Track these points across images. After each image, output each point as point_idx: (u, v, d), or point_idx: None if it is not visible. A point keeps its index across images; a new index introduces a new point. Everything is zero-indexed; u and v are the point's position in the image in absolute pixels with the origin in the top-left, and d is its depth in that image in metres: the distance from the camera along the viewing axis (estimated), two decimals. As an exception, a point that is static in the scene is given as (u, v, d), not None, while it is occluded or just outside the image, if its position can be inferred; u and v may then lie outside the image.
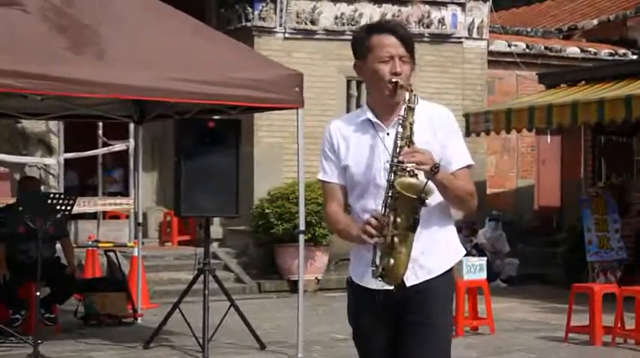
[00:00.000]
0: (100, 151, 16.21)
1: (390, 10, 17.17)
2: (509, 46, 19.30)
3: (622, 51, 19.90)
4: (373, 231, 3.74)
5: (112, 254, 12.35)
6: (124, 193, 17.08)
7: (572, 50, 19.94)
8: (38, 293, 9.12)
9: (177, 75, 8.85)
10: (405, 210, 3.74)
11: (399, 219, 3.74)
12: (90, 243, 13.66)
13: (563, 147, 19.90)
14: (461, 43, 17.76)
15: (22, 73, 8.25)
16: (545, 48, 19.73)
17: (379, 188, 3.89)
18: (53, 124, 15.47)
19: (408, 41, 3.96)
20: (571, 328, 10.56)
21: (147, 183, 16.65)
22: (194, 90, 8.87)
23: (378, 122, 3.98)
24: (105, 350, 9.77)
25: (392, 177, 3.77)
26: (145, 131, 12.33)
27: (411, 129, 3.80)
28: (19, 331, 9.92)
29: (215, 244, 15.82)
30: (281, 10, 16.37)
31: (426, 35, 17.45)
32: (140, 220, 12.25)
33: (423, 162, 3.73)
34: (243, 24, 16.32)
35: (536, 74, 17.23)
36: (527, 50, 19.46)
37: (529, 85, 18.19)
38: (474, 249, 15.29)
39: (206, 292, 9.21)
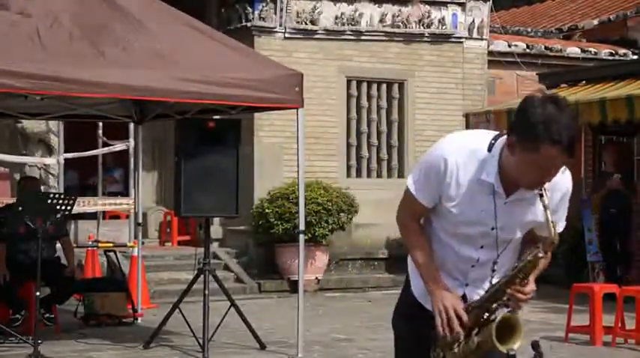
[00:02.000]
0: (100, 151, 16.20)
1: (390, 10, 17.16)
2: (510, 46, 19.29)
3: (622, 51, 19.89)
4: (447, 332, 3.79)
5: (111, 254, 12.34)
6: (124, 193, 17.08)
7: (573, 50, 19.92)
8: (38, 293, 9.11)
9: (177, 75, 8.84)
10: (486, 349, 3.76)
11: (475, 349, 3.77)
12: (90, 243, 13.64)
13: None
14: (461, 43, 17.75)
15: (22, 73, 8.24)
16: (546, 48, 19.71)
17: (475, 249, 3.87)
18: (53, 124, 15.46)
19: (572, 151, 3.59)
20: (571, 328, 10.56)
21: (147, 183, 16.64)
22: (194, 90, 8.86)
23: (501, 192, 3.78)
24: (105, 350, 9.76)
25: (490, 295, 3.79)
26: (145, 131, 12.33)
27: (531, 271, 3.73)
28: (19, 331, 9.91)
29: (215, 244, 15.81)
30: (281, 9, 16.36)
31: (426, 35, 17.44)
32: (140, 220, 12.24)
33: (526, 302, 3.76)
34: (244, 24, 16.32)
35: (537, 74, 17.22)
36: (528, 50, 19.44)
37: (529, 85, 18.17)
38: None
39: (206, 292, 9.21)
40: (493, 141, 3.76)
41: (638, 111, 13.25)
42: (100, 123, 15.63)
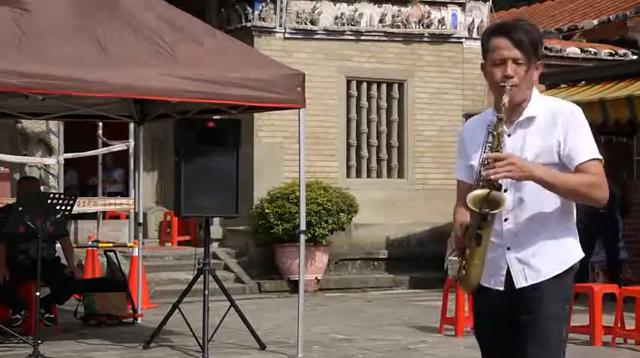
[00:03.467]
0: (100, 151, 16.20)
1: (390, 11, 17.17)
2: (510, 46, 19.28)
3: (622, 51, 19.88)
4: (455, 240, 3.92)
5: (111, 254, 12.34)
6: (124, 193, 17.08)
7: (573, 50, 19.92)
8: (38, 293, 9.11)
9: (180, 74, 8.82)
10: (473, 223, 3.83)
11: (468, 232, 3.85)
12: (90, 243, 13.65)
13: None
14: (461, 43, 17.76)
15: (24, 72, 8.25)
16: (546, 48, 19.67)
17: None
18: (53, 124, 15.46)
19: (523, 43, 3.91)
20: (571, 328, 10.55)
21: (147, 183, 16.64)
22: (196, 89, 8.85)
23: (503, 127, 3.94)
24: (105, 351, 9.76)
25: (475, 184, 3.88)
26: (145, 131, 12.32)
27: (500, 139, 3.84)
28: (19, 331, 9.90)
29: (215, 244, 15.81)
30: (281, 10, 16.37)
31: (426, 35, 17.45)
32: (140, 220, 12.23)
33: (507, 170, 3.77)
34: (243, 24, 16.32)
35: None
36: (528, 50, 19.43)
37: (529, 85, 18.16)
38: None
39: (206, 292, 9.21)
40: None
41: (639, 111, 13.26)
42: (100, 124, 15.63)
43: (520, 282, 3.94)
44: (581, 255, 4.05)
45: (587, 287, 11.07)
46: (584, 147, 3.91)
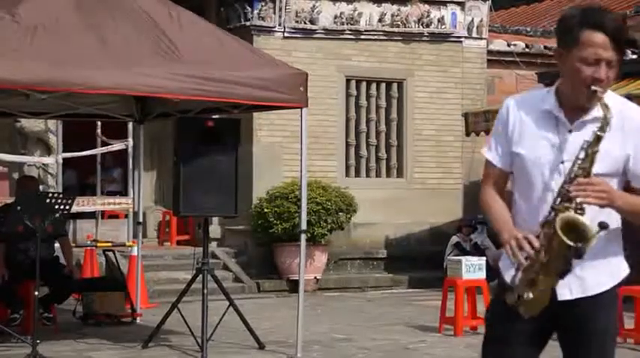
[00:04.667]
0: (99, 151, 16.18)
1: (389, 10, 17.15)
2: (509, 45, 19.28)
3: (621, 50, 19.87)
4: (520, 256, 3.53)
5: (110, 253, 12.33)
6: (123, 193, 17.06)
7: (572, 50, 19.90)
8: (37, 293, 9.10)
9: (182, 72, 8.79)
10: (557, 254, 3.50)
11: (548, 258, 3.52)
12: (88, 242, 13.63)
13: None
14: (460, 42, 17.74)
15: (27, 70, 8.23)
16: (545, 47, 19.69)
17: (548, 190, 3.66)
18: (52, 123, 15.43)
19: (621, 42, 3.54)
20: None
21: (146, 183, 16.58)
22: (201, 88, 8.82)
23: (564, 120, 3.66)
24: (104, 350, 9.74)
25: (557, 202, 3.54)
26: (144, 130, 12.30)
27: (593, 159, 3.52)
28: (17, 331, 9.89)
29: (214, 244, 15.80)
30: (280, 9, 16.35)
31: (426, 34, 17.43)
32: (140, 219, 12.21)
33: (596, 197, 3.50)
34: (243, 23, 16.30)
35: (536, 73, 17.20)
36: (527, 49, 19.44)
37: (529, 84, 18.15)
38: (474, 249, 15.23)
39: (205, 291, 9.19)
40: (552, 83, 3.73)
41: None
42: (99, 123, 15.62)
43: (564, 295, 3.69)
44: (627, 272, 3.82)
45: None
46: None
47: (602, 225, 3.48)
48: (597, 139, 3.52)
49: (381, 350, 9.96)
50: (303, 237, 9.53)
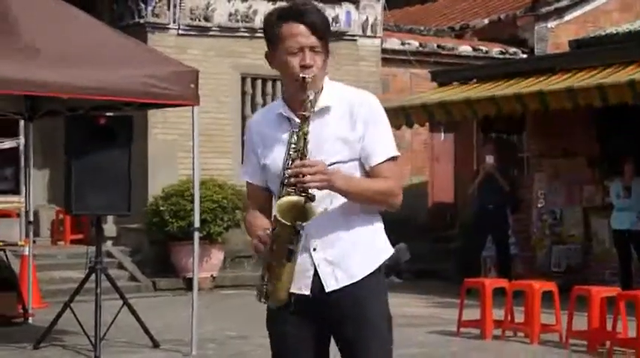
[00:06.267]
0: (-10, 148, 15.89)
1: (284, 8, 17.18)
2: (403, 44, 19.51)
3: (512, 50, 20.28)
4: (261, 249, 3.59)
5: (1, 253, 12.11)
6: (15, 191, 16.76)
7: (464, 49, 20.25)
8: None
9: (68, 70, 8.70)
10: (282, 237, 3.52)
11: (275, 246, 3.54)
12: (-21, 242, 13.36)
13: (456, 145, 20.20)
14: (355, 40, 17.88)
15: None
16: (438, 46, 20.00)
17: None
18: (-60, 121, 15.09)
19: (320, 28, 3.65)
20: (463, 322, 10.73)
21: (39, 181, 16.37)
22: (86, 85, 8.74)
23: (292, 117, 3.69)
24: (-6, 351, 9.60)
25: (282, 192, 3.56)
26: (36, 128, 12.13)
27: (305, 139, 3.56)
28: None
29: (109, 242, 15.64)
30: (175, 6, 16.26)
31: (321, 33, 17.49)
32: (31, 218, 12.04)
33: (313, 180, 3.50)
34: (136, 20, 16.17)
35: (429, 72, 17.44)
36: (421, 48, 19.71)
37: (422, 82, 18.41)
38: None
39: (98, 290, 9.12)
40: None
41: (529, 108, 13.61)
42: (-11, 120, 15.32)
43: (331, 285, 3.66)
44: (390, 251, 3.81)
45: (478, 282, 11.28)
46: (382, 146, 3.70)
47: (310, 198, 3.50)
48: (304, 119, 3.57)
49: (276, 346, 9.98)
50: (197, 234, 9.53)
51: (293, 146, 3.58)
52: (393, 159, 3.73)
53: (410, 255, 16.98)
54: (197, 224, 9.57)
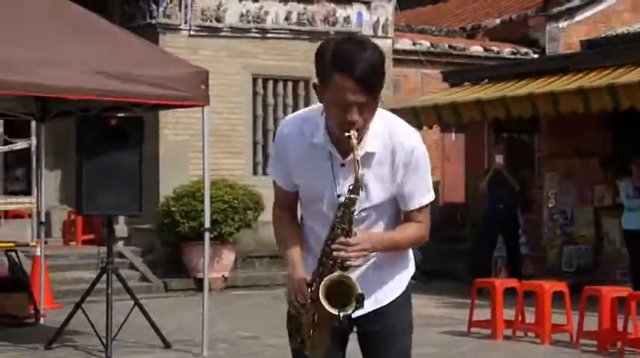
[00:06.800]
0: (2, 149, 15.95)
1: (295, 9, 17.21)
2: (414, 44, 19.50)
3: (524, 50, 20.25)
4: (296, 304, 3.67)
5: (12, 254, 12.15)
6: (27, 192, 16.83)
7: (476, 49, 20.22)
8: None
9: (80, 72, 8.73)
10: (323, 320, 3.58)
11: (317, 318, 3.60)
12: (-10, 243, 13.40)
13: (467, 145, 20.17)
14: (367, 41, 17.84)
15: None
16: (450, 47, 19.97)
17: (328, 221, 3.59)
18: (-48, 122, 15.17)
19: (371, 82, 3.45)
20: (473, 322, 10.73)
21: (50, 182, 16.41)
22: (97, 87, 8.77)
23: (336, 155, 3.60)
24: (6, 352, 9.61)
25: (323, 258, 3.56)
26: (47, 129, 12.16)
27: (351, 220, 3.50)
28: None
29: (120, 243, 15.67)
30: (186, 7, 16.29)
31: (332, 33, 17.51)
32: (43, 219, 12.07)
33: (356, 256, 3.52)
34: (148, 21, 16.20)
35: (441, 72, 17.43)
36: (432, 49, 19.69)
37: (434, 82, 18.40)
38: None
39: (109, 291, 9.15)
40: None
41: (542, 108, 13.56)
42: (1, 121, 15.39)
43: (358, 311, 3.61)
44: (413, 270, 3.91)
45: (489, 282, 11.27)
46: (418, 194, 3.72)
47: (359, 298, 3.47)
48: (352, 202, 3.50)
49: (286, 347, 9.98)
50: (207, 235, 9.54)
51: (338, 220, 3.53)
52: (426, 206, 3.79)
53: (421, 255, 16.93)
54: (208, 224, 9.59)
